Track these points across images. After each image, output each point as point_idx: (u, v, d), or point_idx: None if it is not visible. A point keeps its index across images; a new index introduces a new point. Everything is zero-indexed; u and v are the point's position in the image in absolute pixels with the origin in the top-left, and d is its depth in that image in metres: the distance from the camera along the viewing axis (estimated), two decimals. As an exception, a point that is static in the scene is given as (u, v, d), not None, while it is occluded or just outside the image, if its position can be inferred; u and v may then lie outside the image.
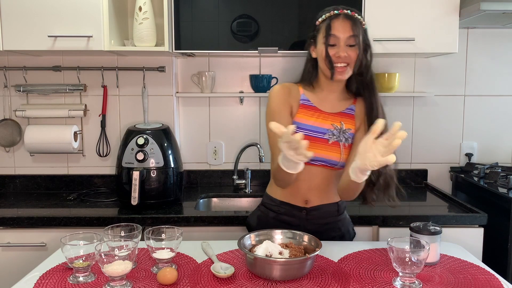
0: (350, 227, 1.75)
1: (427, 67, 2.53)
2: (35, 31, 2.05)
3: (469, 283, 1.30)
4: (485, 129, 2.57)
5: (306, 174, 1.54)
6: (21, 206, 2.19)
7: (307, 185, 1.60)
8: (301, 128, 1.56)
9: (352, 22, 1.48)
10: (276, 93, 1.59)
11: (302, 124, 1.57)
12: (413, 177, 2.58)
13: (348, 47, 1.49)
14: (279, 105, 1.57)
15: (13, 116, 2.42)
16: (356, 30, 1.48)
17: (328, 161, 1.57)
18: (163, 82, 2.43)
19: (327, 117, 1.58)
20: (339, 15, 1.49)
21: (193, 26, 2.11)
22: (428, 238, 1.40)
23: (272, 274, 1.29)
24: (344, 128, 1.58)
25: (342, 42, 1.48)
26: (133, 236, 1.37)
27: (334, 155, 1.56)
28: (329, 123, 1.57)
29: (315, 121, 1.57)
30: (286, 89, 1.60)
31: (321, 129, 1.57)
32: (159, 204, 2.11)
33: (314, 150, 1.50)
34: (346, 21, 1.48)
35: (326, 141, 1.56)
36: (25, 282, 1.31)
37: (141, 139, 2.10)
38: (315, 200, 1.63)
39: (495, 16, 2.14)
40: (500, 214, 2.02)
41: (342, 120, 1.58)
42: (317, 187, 1.61)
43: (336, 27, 1.48)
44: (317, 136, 1.56)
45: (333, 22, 1.48)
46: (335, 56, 1.49)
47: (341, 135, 1.57)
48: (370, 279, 1.32)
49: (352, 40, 1.49)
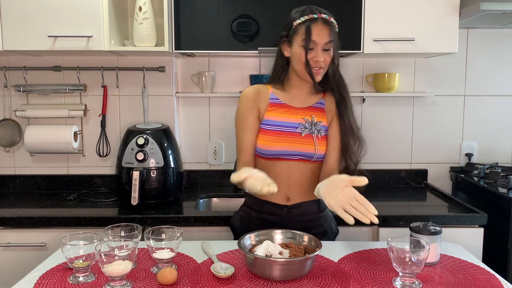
0: (333, 224, 1.75)
1: (427, 67, 2.53)
2: (35, 31, 2.05)
3: (469, 283, 1.30)
4: (485, 129, 2.57)
5: (285, 170, 1.61)
6: (21, 206, 2.19)
7: (287, 181, 1.62)
8: (273, 125, 1.61)
9: (330, 28, 1.54)
10: (244, 98, 1.66)
11: (273, 121, 1.62)
12: (413, 177, 2.58)
13: (324, 51, 1.55)
14: (246, 110, 1.64)
15: (13, 116, 2.42)
16: (333, 36, 1.55)
17: (304, 154, 1.60)
18: (163, 82, 2.43)
19: (298, 112, 1.63)
20: (318, 19, 1.53)
21: (193, 26, 2.11)
22: (428, 238, 1.40)
23: (272, 274, 1.29)
24: (316, 121, 1.63)
25: (320, 47, 1.54)
26: (133, 236, 1.37)
27: (309, 147, 1.60)
28: (300, 117, 1.62)
29: (286, 117, 1.62)
30: (255, 92, 1.66)
31: (292, 124, 1.61)
32: (159, 204, 2.11)
33: (288, 145, 1.58)
34: (325, 27, 1.53)
35: (299, 134, 1.60)
36: (25, 282, 1.31)
37: (141, 139, 2.10)
38: (296, 197, 1.65)
39: (495, 16, 2.14)
40: (500, 214, 2.02)
41: (312, 114, 1.64)
42: (297, 183, 1.63)
43: (316, 32, 1.53)
44: (289, 131, 1.60)
45: (313, 27, 1.53)
46: (313, 60, 1.55)
47: (313, 127, 1.62)
48: (370, 279, 1.32)
49: (329, 45, 1.55)
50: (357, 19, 2.12)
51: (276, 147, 1.59)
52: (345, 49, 2.16)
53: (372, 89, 2.51)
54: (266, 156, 1.61)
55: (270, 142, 1.59)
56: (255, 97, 1.65)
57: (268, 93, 1.66)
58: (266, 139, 1.60)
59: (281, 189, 1.61)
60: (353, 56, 2.43)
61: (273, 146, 1.59)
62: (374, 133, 2.55)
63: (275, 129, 1.60)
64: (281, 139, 1.59)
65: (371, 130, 2.55)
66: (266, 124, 1.62)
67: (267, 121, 1.62)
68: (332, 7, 2.09)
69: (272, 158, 1.61)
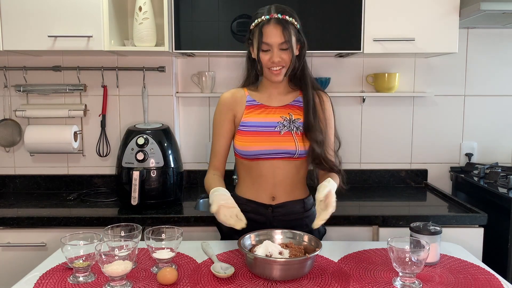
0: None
1: (427, 67, 2.53)
2: (35, 31, 2.05)
3: (469, 283, 1.30)
4: (485, 129, 2.57)
5: (270, 169, 1.62)
6: (21, 206, 2.19)
7: (272, 181, 1.63)
8: (251, 126, 1.62)
9: (283, 27, 1.52)
10: (220, 103, 1.69)
11: (251, 122, 1.63)
12: (413, 177, 2.58)
13: (281, 51, 1.54)
14: (220, 115, 1.68)
15: (13, 116, 2.42)
16: (287, 35, 1.52)
17: (286, 152, 1.60)
18: (163, 82, 2.43)
19: (275, 111, 1.64)
20: (270, 20, 1.52)
21: (193, 26, 2.11)
22: (428, 238, 1.40)
23: (272, 274, 1.29)
24: (294, 118, 1.63)
25: (275, 48, 1.53)
26: (133, 236, 1.37)
27: (289, 145, 1.60)
28: (278, 116, 1.63)
29: (263, 117, 1.63)
30: (231, 97, 1.69)
31: (270, 123, 1.62)
32: (159, 204, 2.11)
33: (268, 144, 1.59)
34: (277, 27, 1.52)
35: (278, 133, 1.61)
36: (25, 282, 1.31)
37: (141, 139, 2.10)
38: (282, 196, 1.65)
39: (495, 16, 2.14)
40: (500, 214, 2.02)
41: (290, 112, 1.64)
42: (282, 182, 1.64)
43: (267, 34, 1.52)
44: (268, 130, 1.61)
45: (264, 29, 1.52)
46: (270, 62, 1.55)
47: (291, 124, 1.62)
48: (370, 279, 1.32)
49: (285, 45, 1.53)
50: (357, 19, 2.12)
51: (255, 147, 1.60)
52: (345, 49, 2.16)
53: (372, 89, 2.51)
54: (248, 157, 1.62)
55: (248, 143, 1.60)
56: (231, 102, 1.67)
57: (245, 96, 1.67)
58: (244, 140, 1.61)
59: (266, 188, 1.65)
60: (353, 56, 2.43)
61: (252, 147, 1.60)
62: (374, 133, 2.55)
63: (253, 130, 1.61)
64: (260, 139, 1.60)
65: (371, 130, 2.55)
66: (244, 126, 1.63)
67: (245, 123, 1.63)
68: (332, 7, 2.11)
69: (254, 158, 1.61)
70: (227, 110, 1.67)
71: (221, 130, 1.67)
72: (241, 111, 1.65)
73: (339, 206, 1.41)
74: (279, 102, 1.66)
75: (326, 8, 2.11)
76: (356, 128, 2.55)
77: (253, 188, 1.66)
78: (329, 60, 2.49)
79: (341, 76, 2.51)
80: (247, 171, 1.66)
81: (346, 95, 2.50)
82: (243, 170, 1.68)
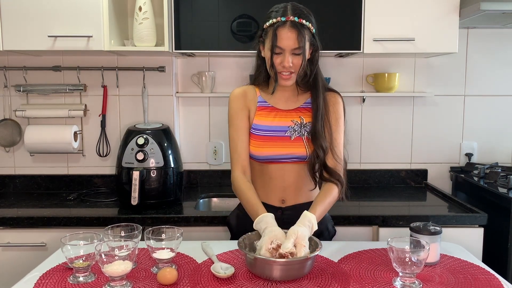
0: (330, 225, 1.75)
1: (427, 67, 2.53)
2: (35, 31, 2.04)
3: (469, 283, 1.30)
4: (485, 129, 2.57)
5: (280, 172, 1.61)
6: (21, 206, 2.19)
7: (282, 184, 1.63)
8: (261, 130, 1.60)
9: (298, 32, 1.47)
10: (234, 98, 1.65)
11: (261, 125, 1.61)
12: (413, 177, 2.58)
13: (293, 55, 1.50)
14: (237, 110, 1.63)
15: (13, 116, 2.42)
16: (301, 41, 1.48)
17: (297, 156, 1.59)
18: (163, 82, 2.43)
19: (286, 115, 1.62)
20: (286, 23, 1.47)
21: (193, 26, 2.11)
22: (428, 238, 1.40)
23: (272, 275, 1.29)
24: (305, 122, 1.61)
25: (288, 52, 1.49)
26: (133, 236, 1.37)
27: (300, 150, 1.59)
28: (289, 120, 1.61)
29: (274, 121, 1.61)
30: (243, 93, 1.66)
31: (281, 128, 1.60)
32: (159, 204, 2.11)
33: (279, 149, 1.57)
34: (292, 31, 1.47)
35: (288, 138, 1.59)
36: (25, 282, 1.31)
37: (141, 139, 2.10)
38: (291, 199, 1.64)
39: (495, 16, 2.14)
40: (500, 214, 2.02)
41: (301, 115, 1.62)
42: (293, 185, 1.63)
43: (281, 37, 1.47)
44: (278, 135, 1.60)
45: (279, 32, 1.47)
46: (281, 65, 1.51)
47: (302, 129, 1.60)
48: (370, 279, 1.32)
49: (298, 50, 1.49)
50: (357, 19, 2.12)
51: (266, 152, 1.59)
52: (345, 49, 2.16)
53: (372, 89, 2.51)
54: (258, 159, 1.61)
55: (260, 147, 1.59)
56: (244, 99, 1.64)
57: (256, 96, 1.65)
58: (256, 144, 1.60)
59: (276, 191, 1.64)
60: (353, 56, 2.43)
61: (263, 151, 1.59)
62: (374, 133, 2.55)
63: (264, 134, 1.60)
64: (271, 144, 1.59)
65: (371, 130, 2.55)
66: (255, 129, 1.62)
67: (256, 126, 1.61)
68: (332, 7, 2.11)
69: (265, 161, 1.61)
70: (243, 106, 1.63)
71: (242, 124, 1.61)
72: (253, 111, 1.63)
73: (339, 206, 1.41)
74: (290, 104, 1.64)
75: (326, 8, 2.10)
76: (356, 128, 2.55)
77: (263, 190, 1.65)
78: (329, 60, 2.49)
79: (341, 76, 2.51)
80: (257, 173, 1.65)
81: (346, 95, 2.46)
82: (253, 172, 1.66)
